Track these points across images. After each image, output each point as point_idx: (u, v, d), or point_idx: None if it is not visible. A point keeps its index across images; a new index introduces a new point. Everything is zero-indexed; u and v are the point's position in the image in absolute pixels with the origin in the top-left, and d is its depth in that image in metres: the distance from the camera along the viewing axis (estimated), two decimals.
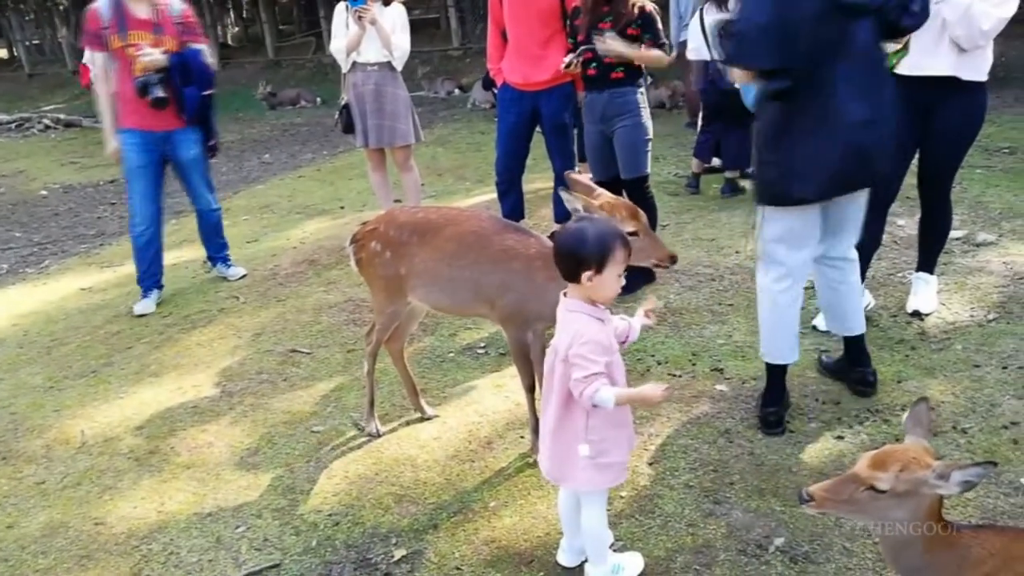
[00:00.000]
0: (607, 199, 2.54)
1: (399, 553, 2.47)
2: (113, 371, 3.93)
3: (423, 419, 3.21)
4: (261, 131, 11.58)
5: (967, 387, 3.09)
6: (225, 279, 5.05)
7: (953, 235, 4.13)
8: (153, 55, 4.27)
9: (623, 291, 3.60)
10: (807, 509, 1.70)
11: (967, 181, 5.48)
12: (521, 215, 4.80)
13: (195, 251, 5.40)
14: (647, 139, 4.13)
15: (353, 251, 3.01)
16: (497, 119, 4.78)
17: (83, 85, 8.79)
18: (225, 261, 5.11)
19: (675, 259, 2.58)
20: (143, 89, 4.28)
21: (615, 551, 2.33)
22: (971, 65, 3.22)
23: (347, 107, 5.14)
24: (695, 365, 3.46)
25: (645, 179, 4.19)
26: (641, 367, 3.45)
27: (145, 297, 4.66)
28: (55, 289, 5.35)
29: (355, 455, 3.02)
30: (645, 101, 4.13)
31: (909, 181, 3.51)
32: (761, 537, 2.40)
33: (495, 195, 4.91)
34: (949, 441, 2.78)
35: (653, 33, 3.99)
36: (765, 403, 2.97)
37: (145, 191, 4.52)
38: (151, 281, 4.69)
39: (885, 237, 3.98)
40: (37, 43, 21.93)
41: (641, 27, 3.96)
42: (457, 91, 12.88)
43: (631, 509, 2.57)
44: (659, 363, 3.49)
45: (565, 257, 2.04)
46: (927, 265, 3.75)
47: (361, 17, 4.79)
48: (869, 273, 3.76)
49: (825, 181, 2.62)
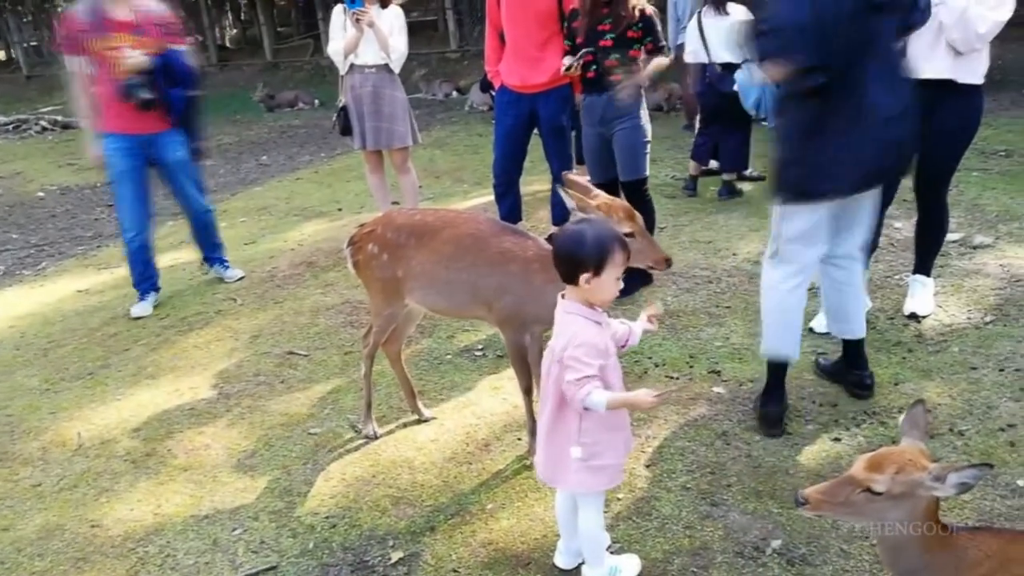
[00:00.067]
0: (604, 199, 2.54)
1: (396, 555, 2.47)
2: (110, 373, 3.92)
3: (420, 421, 3.21)
4: (259, 133, 11.58)
5: (964, 389, 3.09)
6: (222, 280, 5.03)
7: (950, 238, 4.14)
8: (136, 57, 4.20)
9: (620, 293, 3.60)
10: (804, 512, 1.71)
11: (964, 184, 5.49)
12: (519, 217, 4.81)
13: (192, 253, 5.38)
14: (646, 141, 4.13)
15: (350, 253, 3.01)
16: (495, 121, 4.79)
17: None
18: (222, 262, 5.07)
19: (670, 262, 2.58)
20: (127, 92, 4.21)
21: (612, 553, 2.33)
22: (967, 68, 3.24)
23: (345, 109, 5.14)
24: (692, 367, 3.46)
25: (644, 181, 4.19)
26: (639, 369, 3.46)
27: (142, 300, 4.65)
28: (52, 291, 5.34)
29: (352, 457, 3.02)
30: (644, 103, 4.14)
31: (905, 184, 3.51)
32: (758, 539, 2.41)
33: (493, 197, 4.91)
34: (946, 443, 2.78)
35: (654, 35, 4.01)
36: (765, 402, 2.98)
37: (133, 196, 4.47)
38: (147, 284, 4.69)
39: (882, 240, 4.00)
40: (35, 45, 21.90)
41: (642, 30, 3.97)
42: (455, 93, 12.89)
43: (628, 511, 2.57)
44: (656, 365, 3.50)
45: (563, 259, 2.04)
46: (924, 267, 3.76)
47: (359, 19, 4.80)
48: (866, 276, 3.76)
49: (859, 176, 2.67)
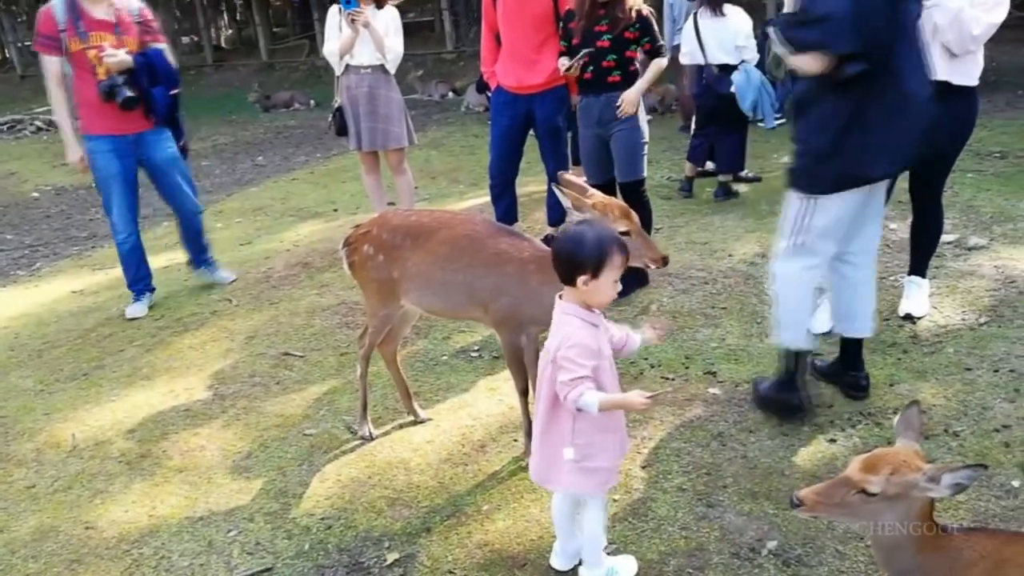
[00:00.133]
0: (599, 198, 2.54)
1: (392, 557, 2.47)
2: (104, 374, 3.91)
3: (416, 422, 3.21)
4: (254, 133, 11.56)
5: (959, 390, 3.10)
6: (214, 284, 4.93)
7: (945, 239, 4.15)
8: (119, 56, 4.13)
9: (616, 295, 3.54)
10: (799, 513, 1.71)
11: (958, 185, 5.50)
12: (515, 218, 4.81)
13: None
14: (644, 143, 4.14)
15: (346, 254, 3.00)
16: (491, 122, 4.79)
17: None
18: (211, 264, 4.96)
19: (667, 260, 2.58)
20: (110, 91, 4.13)
21: (608, 554, 2.33)
22: (962, 70, 3.25)
23: (340, 110, 5.13)
24: (688, 368, 3.47)
25: (641, 183, 4.20)
26: (634, 370, 3.46)
27: (137, 301, 4.64)
28: (46, 292, 5.33)
29: (348, 458, 3.02)
30: (642, 105, 4.15)
31: (900, 185, 3.52)
32: (754, 540, 2.41)
33: (489, 198, 4.91)
34: (940, 444, 2.79)
35: (651, 36, 4.01)
36: (785, 389, 2.99)
37: (124, 198, 4.41)
38: (142, 285, 4.67)
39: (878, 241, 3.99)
40: (29, 44, 21.84)
41: (639, 30, 3.98)
42: (451, 94, 12.89)
43: (624, 512, 2.57)
44: (652, 366, 3.50)
45: (562, 260, 2.05)
46: (919, 269, 3.77)
47: (354, 20, 4.79)
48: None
49: (904, 159, 2.77)
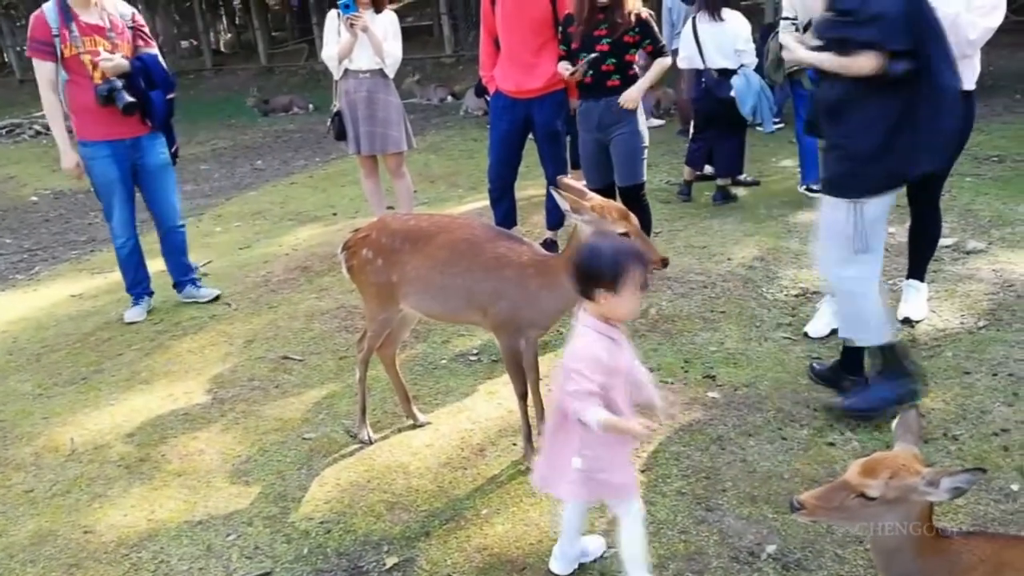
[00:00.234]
0: (597, 201, 2.54)
1: (391, 561, 2.47)
2: (103, 378, 3.91)
3: (415, 426, 3.21)
4: (253, 137, 11.57)
5: (957, 394, 3.10)
6: (196, 302, 4.73)
7: (943, 243, 4.15)
8: (115, 60, 4.11)
9: None
10: (799, 517, 1.71)
11: (956, 189, 5.51)
12: (514, 222, 4.81)
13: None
14: (644, 147, 4.15)
15: (345, 258, 3.00)
16: (490, 126, 4.79)
17: None
18: (194, 282, 4.80)
19: (667, 261, 2.57)
20: (109, 95, 4.09)
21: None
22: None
23: (339, 114, 5.14)
24: (687, 372, 3.47)
25: (641, 187, 4.21)
26: None
27: (136, 305, 4.63)
28: (45, 296, 5.32)
29: (347, 462, 3.01)
30: (641, 109, 4.15)
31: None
32: (753, 544, 2.41)
33: (488, 202, 4.92)
34: (939, 448, 2.79)
35: (652, 38, 4.03)
36: (904, 381, 2.98)
37: (123, 203, 4.39)
38: (140, 289, 4.66)
39: None
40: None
41: (640, 33, 3.99)
42: (450, 98, 12.90)
43: None
44: (651, 370, 3.48)
45: (580, 274, 2.02)
46: (917, 272, 3.78)
47: (353, 24, 4.80)
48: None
49: (945, 152, 2.79)
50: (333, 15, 4.99)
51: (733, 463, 2.81)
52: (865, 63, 2.60)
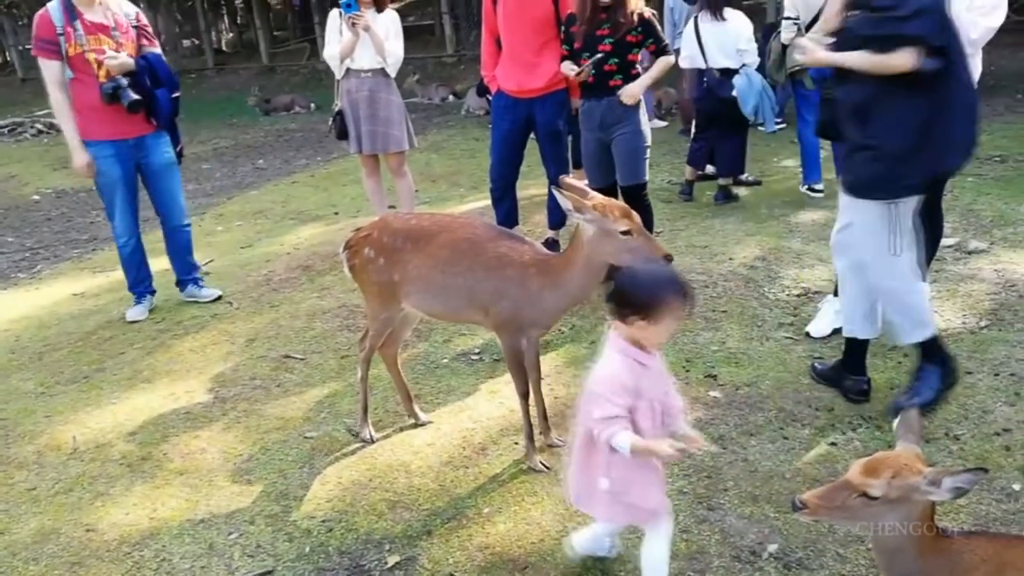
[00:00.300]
0: (599, 200, 2.54)
1: (393, 559, 2.47)
2: (105, 377, 3.91)
3: (417, 425, 3.21)
4: (255, 137, 11.57)
5: (959, 394, 3.10)
6: (197, 301, 4.73)
7: (945, 243, 4.15)
8: (121, 58, 4.10)
9: None
10: (801, 517, 1.71)
11: (958, 189, 5.51)
12: (515, 222, 4.81)
13: None
14: (646, 146, 4.14)
15: (347, 257, 3.01)
16: (491, 126, 4.79)
17: None
18: (197, 282, 4.80)
19: (670, 258, 2.57)
20: (114, 94, 4.08)
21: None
22: None
23: (341, 113, 5.14)
24: (688, 372, 3.47)
25: (643, 186, 4.20)
26: None
27: (138, 304, 4.63)
28: (47, 294, 5.33)
29: (348, 461, 3.02)
30: (643, 108, 4.16)
31: None
32: (755, 543, 2.41)
33: (489, 202, 4.92)
34: (941, 448, 2.79)
35: (655, 37, 4.03)
36: (946, 372, 3.01)
37: (126, 202, 4.39)
38: (142, 288, 4.66)
39: None
40: (30, 48, 21.90)
41: (642, 33, 3.99)
42: (451, 98, 12.90)
43: None
44: None
45: (617, 299, 1.97)
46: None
47: (355, 23, 4.80)
48: None
49: (972, 147, 2.77)
50: (335, 14, 5.00)
51: (735, 462, 2.81)
52: (903, 60, 2.54)
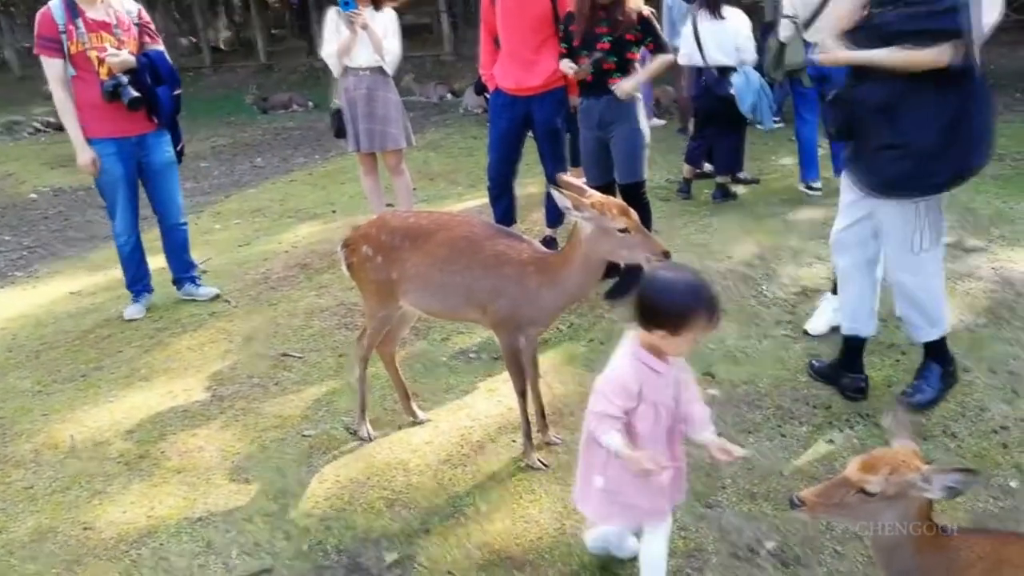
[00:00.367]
0: (597, 198, 2.54)
1: (391, 557, 2.47)
2: (103, 375, 3.90)
3: (415, 423, 3.21)
4: (253, 135, 11.55)
5: (956, 391, 3.10)
6: (195, 300, 4.71)
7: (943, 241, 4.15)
8: (122, 55, 4.09)
9: (615, 296, 3.60)
10: (799, 514, 1.71)
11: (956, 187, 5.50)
12: (513, 220, 4.81)
13: None
14: (644, 145, 4.14)
15: (344, 255, 3.01)
16: (489, 124, 4.79)
17: None
18: (194, 280, 4.78)
19: (668, 254, 2.57)
20: (115, 91, 4.07)
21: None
22: None
23: (339, 111, 5.14)
24: None
25: (642, 184, 4.20)
26: None
27: (136, 302, 4.62)
28: (44, 293, 5.32)
29: (347, 459, 3.02)
30: (641, 106, 4.15)
31: None
32: (753, 540, 2.41)
33: (487, 200, 4.91)
34: (939, 445, 2.80)
35: (654, 35, 4.02)
36: (949, 372, 3.06)
37: (127, 201, 4.37)
38: (140, 286, 4.65)
39: None
40: (28, 46, 21.85)
41: (641, 31, 3.98)
42: (449, 96, 12.89)
43: None
44: None
45: (643, 307, 1.93)
46: None
47: (352, 21, 4.80)
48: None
49: (993, 144, 2.77)
50: (332, 12, 4.98)
51: (732, 460, 2.80)
52: (938, 56, 2.51)
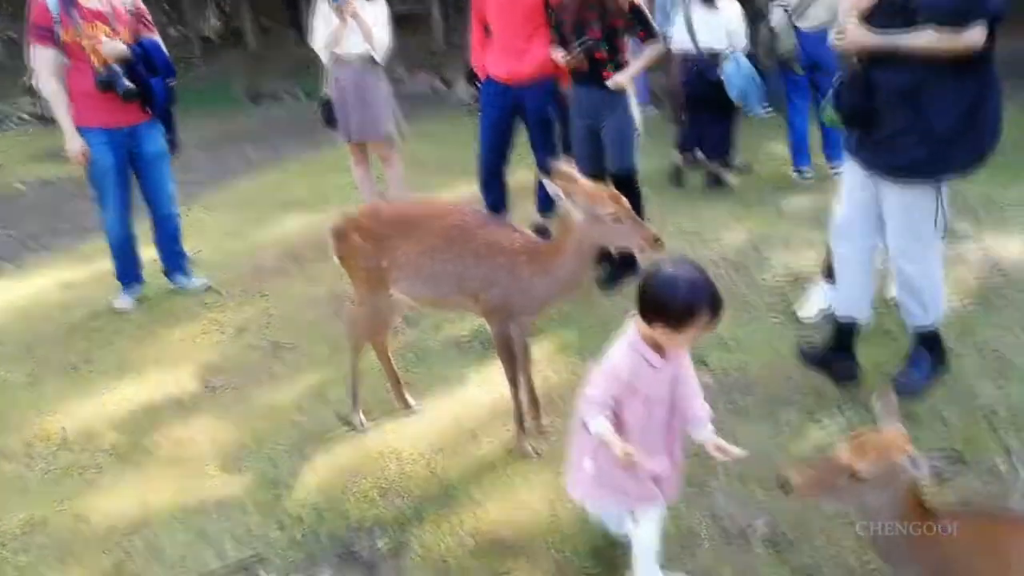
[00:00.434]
0: (588, 186, 2.54)
1: (384, 545, 2.48)
2: (94, 367, 3.89)
3: (407, 412, 3.21)
4: (243, 125, 11.48)
5: (946, 376, 3.12)
6: (186, 291, 4.69)
7: None
8: (117, 45, 4.06)
9: (607, 284, 3.60)
10: (788, 492, 1.73)
11: None
12: (505, 208, 4.80)
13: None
14: (635, 133, 4.14)
15: (334, 244, 3.00)
16: (480, 113, 4.77)
17: None
18: (185, 271, 4.76)
19: (660, 241, 2.57)
20: (109, 81, 4.04)
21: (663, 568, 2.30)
22: None
23: (328, 101, 5.11)
24: None
25: (633, 172, 4.20)
26: None
27: (126, 293, 4.59)
28: (33, 285, 5.28)
29: (339, 448, 3.02)
30: (632, 95, 4.14)
31: None
32: (744, 524, 2.43)
33: (478, 189, 4.90)
34: (928, 428, 2.82)
35: (645, 24, 4.01)
36: (941, 358, 3.06)
37: (118, 191, 4.33)
38: (130, 277, 4.62)
39: None
40: (13, 36, 21.61)
41: (632, 20, 3.97)
42: (441, 85, 12.84)
43: None
44: None
45: (646, 302, 1.90)
46: None
47: (342, 10, 4.77)
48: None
49: (1001, 129, 2.76)
50: (322, 2, 4.96)
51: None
52: (976, 37, 2.51)
